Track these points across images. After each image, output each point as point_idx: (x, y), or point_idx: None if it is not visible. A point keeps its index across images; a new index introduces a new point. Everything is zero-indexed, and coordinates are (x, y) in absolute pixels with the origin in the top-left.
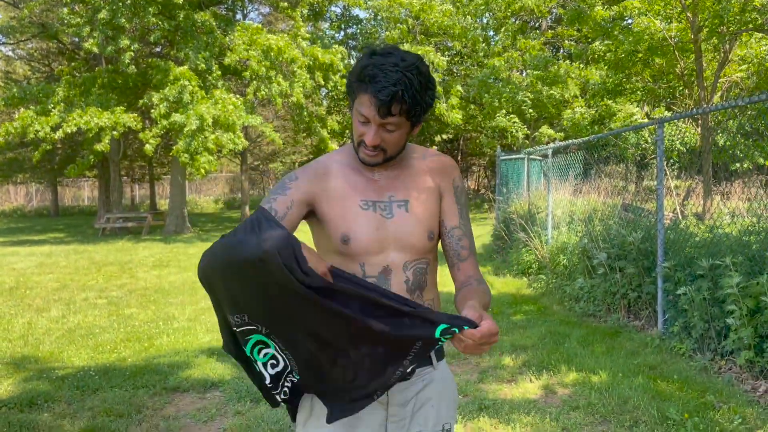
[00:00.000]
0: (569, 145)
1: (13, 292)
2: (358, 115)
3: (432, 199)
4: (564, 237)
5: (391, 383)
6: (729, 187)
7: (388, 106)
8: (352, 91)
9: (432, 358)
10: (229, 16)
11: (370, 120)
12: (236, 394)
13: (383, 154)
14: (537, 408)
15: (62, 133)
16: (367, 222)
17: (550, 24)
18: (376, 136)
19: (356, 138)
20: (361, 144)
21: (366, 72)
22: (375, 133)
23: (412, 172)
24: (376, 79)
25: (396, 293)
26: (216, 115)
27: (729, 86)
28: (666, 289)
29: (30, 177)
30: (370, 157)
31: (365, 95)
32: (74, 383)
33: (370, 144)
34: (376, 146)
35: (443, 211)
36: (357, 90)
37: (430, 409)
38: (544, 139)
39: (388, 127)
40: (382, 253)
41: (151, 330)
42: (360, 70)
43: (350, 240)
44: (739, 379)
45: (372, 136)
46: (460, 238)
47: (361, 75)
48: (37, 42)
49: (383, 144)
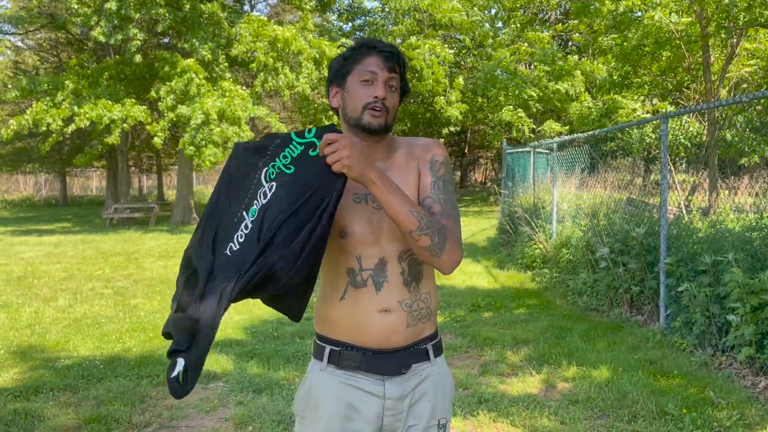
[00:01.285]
0: (574, 139)
1: (21, 282)
2: (363, 75)
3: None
4: (568, 231)
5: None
6: (736, 182)
7: (393, 60)
8: (347, 65)
9: (429, 353)
10: (236, 7)
11: (378, 75)
12: (238, 385)
13: (386, 115)
14: (536, 402)
15: (75, 127)
16: (361, 215)
17: (559, 17)
18: (384, 88)
19: (361, 103)
20: (367, 105)
21: (363, 42)
22: (383, 86)
23: (400, 162)
24: (376, 42)
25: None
26: (221, 109)
27: (737, 81)
28: (668, 285)
29: (39, 167)
30: (376, 117)
31: (370, 57)
32: (79, 372)
33: (381, 95)
34: (384, 99)
35: (420, 188)
36: (358, 57)
37: (426, 404)
38: (549, 132)
39: (390, 85)
40: (377, 245)
41: (156, 320)
42: (355, 46)
43: (347, 234)
44: (739, 375)
45: (381, 87)
46: (431, 206)
47: (359, 46)
48: (45, 32)
49: (387, 102)
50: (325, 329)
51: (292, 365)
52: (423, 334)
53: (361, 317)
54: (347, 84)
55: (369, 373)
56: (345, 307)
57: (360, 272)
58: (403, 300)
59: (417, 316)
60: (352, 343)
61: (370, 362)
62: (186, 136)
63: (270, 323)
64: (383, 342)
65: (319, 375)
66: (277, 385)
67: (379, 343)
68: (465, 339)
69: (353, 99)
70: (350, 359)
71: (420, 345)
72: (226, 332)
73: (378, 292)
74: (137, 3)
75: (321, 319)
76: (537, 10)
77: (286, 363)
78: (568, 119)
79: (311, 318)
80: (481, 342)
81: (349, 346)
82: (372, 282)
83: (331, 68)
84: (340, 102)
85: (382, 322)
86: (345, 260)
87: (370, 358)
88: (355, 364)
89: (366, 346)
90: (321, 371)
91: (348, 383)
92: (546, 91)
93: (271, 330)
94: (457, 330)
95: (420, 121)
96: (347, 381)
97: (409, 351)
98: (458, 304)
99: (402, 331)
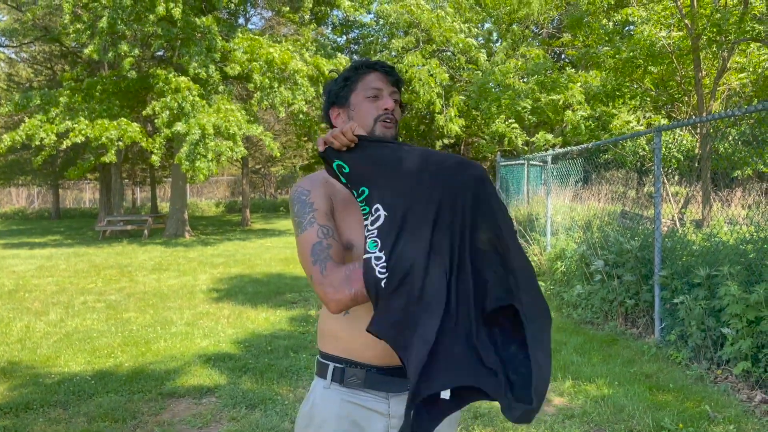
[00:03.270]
0: (568, 151)
1: (13, 295)
2: (369, 92)
3: None
4: (562, 243)
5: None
6: (729, 194)
7: (395, 75)
8: (349, 84)
9: None
10: (231, 21)
11: (383, 89)
12: (231, 400)
13: (395, 126)
14: None
15: (70, 143)
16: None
17: (551, 31)
18: (392, 100)
19: (371, 117)
20: (378, 118)
21: (362, 62)
22: (390, 99)
23: None
24: (377, 62)
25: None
26: (218, 125)
27: (729, 94)
28: (663, 298)
29: (32, 179)
30: (389, 128)
31: (373, 74)
32: (70, 388)
33: (391, 106)
34: (394, 110)
35: None
36: (359, 76)
37: None
38: (543, 144)
39: (395, 99)
40: None
41: (149, 334)
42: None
43: (354, 247)
44: (735, 389)
45: (389, 100)
46: None
47: (358, 66)
48: (39, 45)
49: (395, 114)
50: (328, 346)
51: (285, 380)
52: None
53: (365, 333)
54: (351, 102)
55: (374, 391)
56: (349, 322)
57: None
58: None
59: None
60: (357, 360)
61: (374, 379)
62: (182, 151)
63: (263, 337)
64: (387, 359)
65: (322, 393)
66: (271, 400)
67: (384, 359)
68: None
69: (362, 115)
70: (354, 376)
71: None
72: (219, 346)
73: None
74: (130, 20)
75: (324, 336)
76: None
77: (280, 378)
78: (561, 130)
79: (305, 332)
80: None
81: (353, 363)
82: None
83: (330, 91)
84: (346, 121)
85: None
86: None
87: (374, 375)
88: (359, 381)
89: (370, 363)
90: (325, 389)
91: (352, 401)
92: (539, 103)
93: (264, 344)
94: None
95: (414, 133)
96: (351, 399)
97: None
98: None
99: None
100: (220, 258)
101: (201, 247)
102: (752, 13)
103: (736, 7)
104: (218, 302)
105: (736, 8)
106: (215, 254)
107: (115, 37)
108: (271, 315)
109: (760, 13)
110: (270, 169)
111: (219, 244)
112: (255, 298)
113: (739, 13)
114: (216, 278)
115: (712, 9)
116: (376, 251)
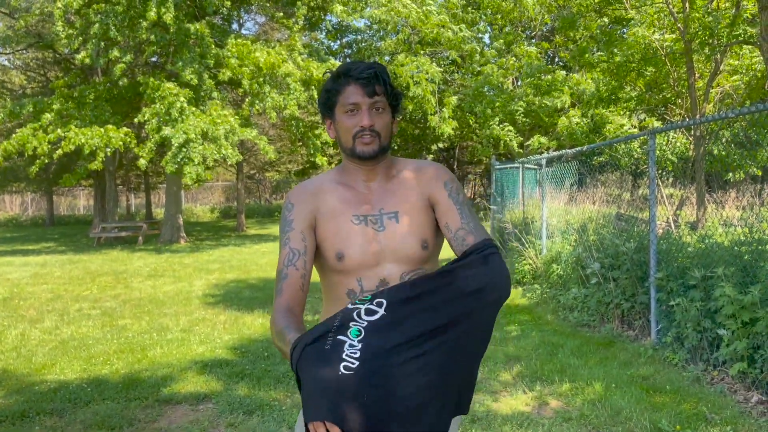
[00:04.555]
0: (563, 154)
1: (7, 303)
2: (346, 107)
3: (422, 207)
4: (558, 246)
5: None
6: (723, 196)
7: (372, 84)
8: (331, 98)
9: None
10: (224, 27)
11: (360, 103)
12: (229, 407)
13: (378, 140)
14: (530, 420)
15: (61, 152)
16: (360, 237)
17: (545, 33)
18: (369, 116)
19: (350, 134)
20: (356, 135)
21: (341, 70)
22: (367, 113)
23: (402, 184)
24: (354, 69)
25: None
26: (204, 129)
27: (722, 96)
28: (659, 299)
29: (25, 186)
30: (367, 144)
31: (348, 86)
32: (66, 395)
33: (367, 124)
34: (372, 127)
35: (443, 214)
36: (339, 88)
37: None
38: (537, 147)
39: (377, 108)
40: (378, 267)
41: (145, 341)
42: (334, 76)
43: (344, 257)
44: (731, 390)
45: (366, 116)
46: (464, 237)
47: (337, 76)
48: (33, 52)
49: (376, 126)
50: None
51: (282, 386)
52: None
53: None
54: (335, 116)
55: None
56: None
57: (361, 294)
58: None
59: None
60: None
61: None
62: (168, 155)
63: (260, 343)
64: None
65: None
66: (268, 406)
67: None
68: None
69: (343, 131)
70: None
71: None
72: (215, 352)
73: None
74: (122, 26)
75: None
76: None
77: (277, 383)
78: (555, 134)
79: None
80: None
81: None
82: None
83: (319, 101)
84: (336, 134)
85: None
86: (345, 282)
87: None
88: None
89: None
90: None
91: None
92: (533, 106)
93: (261, 350)
94: None
95: (409, 137)
96: None
97: None
98: None
99: None
100: (215, 264)
101: (196, 253)
102: (744, 15)
103: (728, 10)
104: (214, 308)
105: (728, 11)
106: (210, 260)
107: (107, 43)
108: (267, 321)
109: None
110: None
111: (214, 250)
112: (251, 303)
113: (731, 16)
114: (212, 284)
115: (704, 12)
116: (355, 340)
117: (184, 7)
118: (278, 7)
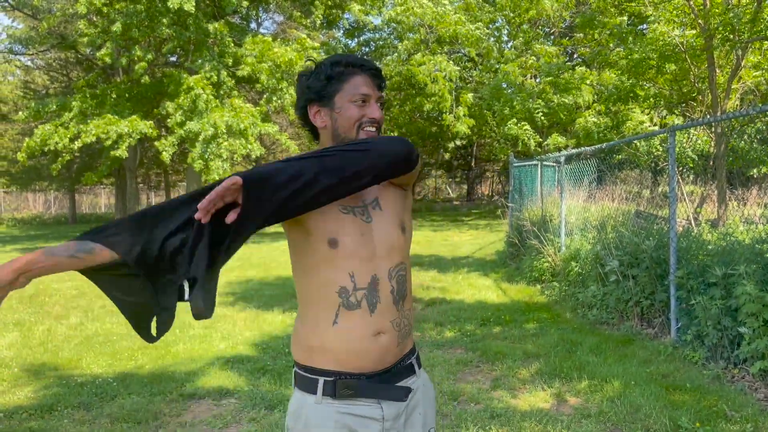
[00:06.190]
0: (582, 152)
1: (33, 300)
2: (355, 96)
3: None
4: (577, 244)
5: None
6: (745, 193)
7: (381, 78)
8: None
9: (415, 367)
10: (243, 26)
11: (371, 95)
12: (251, 402)
13: (378, 134)
14: (548, 416)
15: (81, 143)
16: (352, 225)
17: (563, 30)
18: (379, 109)
19: (353, 122)
20: (362, 125)
21: (348, 60)
22: (378, 107)
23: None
24: (363, 61)
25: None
26: (230, 123)
27: (744, 92)
28: (679, 297)
29: (49, 185)
30: (371, 134)
31: (357, 76)
32: (93, 390)
33: (378, 117)
34: (380, 120)
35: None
36: (343, 76)
37: (418, 416)
38: (554, 146)
39: (381, 102)
40: (370, 262)
41: (168, 337)
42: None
43: (338, 243)
44: (752, 388)
45: (377, 109)
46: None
47: (341, 64)
48: (55, 52)
49: (380, 120)
50: (313, 359)
51: None
52: (407, 349)
53: (356, 343)
54: (336, 103)
55: (366, 399)
56: (338, 332)
57: (354, 292)
58: (393, 320)
59: (403, 333)
60: (347, 370)
61: (366, 388)
62: (194, 151)
63: (281, 339)
64: (378, 365)
65: (314, 409)
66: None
67: (374, 366)
68: (475, 353)
69: (346, 119)
70: (347, 388)
71: (405, 360)
72: (237, 348)
73: (372, 313)
74: (143, 25)
75: (308, 349)
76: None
77: None
78: (573, 133)
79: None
80: (491, 356)
81: (344, 374)
82: (366, 303)
83: (309, 87)
84: (327, 121)
85: (378, 345)
86: (336, 277)
87: (365, 383)
88: (352, 392)
89: (361, 372)
90: (316, 404)
91: (347, 412)
92: (551, 104)
93: (281, 346)
94: (468, 344)
95: (426, 134)
96: (346, 410)
97: (398, 368)
98: (468, 318)
99: (393, 351)
100: (235, 261)
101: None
102: (767, 10)
103: (749, 6)
104: (235, 305)
105: (749, 7)
106: (231, 257)
107: (128, 42)
108: (288, 317)
109: None
110: None
111: None
112: (271, 301)
113: (753, 12)
114: (232, 281)
115: (724, 8)
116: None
117: (203, 6)
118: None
